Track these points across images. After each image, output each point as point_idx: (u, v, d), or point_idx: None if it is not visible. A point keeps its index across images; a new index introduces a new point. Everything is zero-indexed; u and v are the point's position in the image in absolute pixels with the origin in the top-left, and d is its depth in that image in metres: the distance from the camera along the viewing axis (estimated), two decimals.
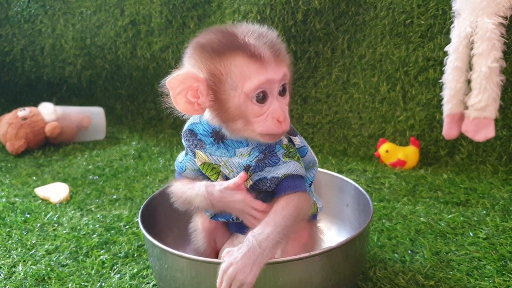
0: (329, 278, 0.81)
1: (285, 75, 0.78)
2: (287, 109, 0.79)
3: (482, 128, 1.37)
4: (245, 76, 0.75)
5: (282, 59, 0.77)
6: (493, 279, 0.94)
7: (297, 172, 0.82)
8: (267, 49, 0.75)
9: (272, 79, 0.76)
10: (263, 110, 0.77)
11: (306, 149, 0.87)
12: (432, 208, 1.25)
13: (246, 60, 0.75)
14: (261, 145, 0.82)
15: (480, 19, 1.32)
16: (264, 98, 0.77)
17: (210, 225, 0.92)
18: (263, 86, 0.76)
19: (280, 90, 0.78)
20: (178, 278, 0.83)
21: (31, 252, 1.10)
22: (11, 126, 1.82)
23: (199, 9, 1.88)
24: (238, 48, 0.75)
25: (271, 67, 0.75)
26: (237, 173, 0.82)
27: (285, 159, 0.82)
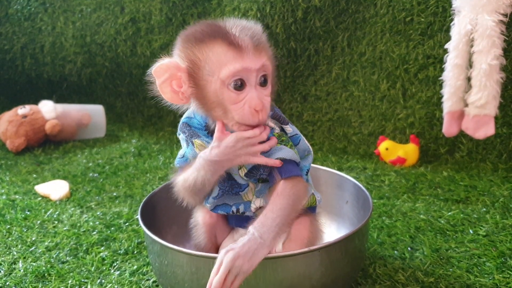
0: (328, 274, 0.81)
1: (264, 66, 0.78)
2: (267, 100, 0.79)
3: (482, 126, 1.37)
4: (222, 63, 0.76)
5: (262, 50, 0.78)
6: (492, 276, 0.94)
7: (290, 157, 0.81)
8: (247, 38, 0.76)
9: (248, 68, 0.76)
10: (239, 98, 0.78)
11: (299, 137, 0.87)
12: (432, 206, 1.25)
13: (224, 47, 0.76)
14: None
15: (480, 16, 1.32)
16: (242, 86, 0.77)
17: (211, 220, 0.92)
18: (239, 74, 0.76)
19: (260, 81, 0.78)
20: (178, 274, 0.83)
21: (31, 249, 1.10)
22: (11, 124, 1.82)
23: (199, 6, 1.88)
24: (217, 36, 0.76)
25: (248, 56, 0.76)
26: None
27: (278, 145, 0.82)
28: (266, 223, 0.75)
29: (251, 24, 0.80)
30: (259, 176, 0.83)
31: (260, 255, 0.72)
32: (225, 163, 0.81)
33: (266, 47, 0.80)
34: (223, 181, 0.88)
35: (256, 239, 0.73)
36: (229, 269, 0.71)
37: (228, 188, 0.88)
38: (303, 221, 0.87)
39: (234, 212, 0.88)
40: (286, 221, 0.77)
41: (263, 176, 0.83)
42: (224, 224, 0.94)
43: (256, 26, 0.80)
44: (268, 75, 0.79)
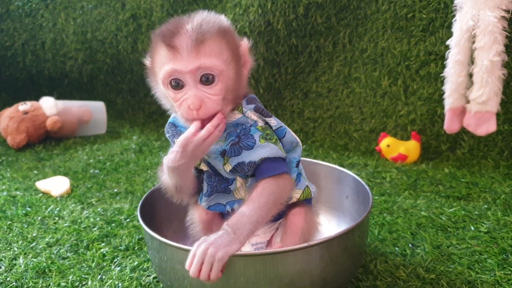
0: (328, 270, 0.81)
1: (199, 68, 0.76)
2: (210, 98, 0.78)
3: (483, 122, 1.37)
4: (160, 65, 0.78)
5: (202, 51, 0.76)
6: (494, 273, 0.93)
7: (274, 155, 0.81)
8: (186, 40, 0.75)
9: (178, 70, 0.76)
10: (177, 97, 0.79)
11: (284, 129, 0.86)
12: (433, 202, 1.25)
13: (163, 49, 0.77)
14: (236, 128, 0.83)
15: (482, 12, 1.32)
16: (179, 85, 0.78)
17: (207, 217, 0.92)
18: (173, 75, 0.77)
19: (203, 80, 0.77)
20: (178, 270, 0.83)
21: (32, 245, 1.10)
22: (12, 120, 1.82)
23: (200, 3, 1.88)
24: (162, 37, 0.77)
25: (181, 58, 0.76)
26: (215, 158, 0.84)
27: (261, 141, 0.82)
28: (241, 220, 0.76)
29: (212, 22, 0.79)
30: (244, 174, 0.84)
31: (232, 249, 0.73)
32: (184, 165, 0.81)
33: (214, 47, 0.77)
34: (210, 176, 0.88)
35: (229, 234, 0.74)
36: (203, 259, 0.72)
37: (216, 183, 0.88)
38: (298, 212, 0.87)
39: (230, 211, 0.88)
40: (264, 219, 0.78)
41: (248, 173, 0.83)
42: (221, 220, 0.94)
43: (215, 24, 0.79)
44: (213, 74, 0.77)
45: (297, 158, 0.88)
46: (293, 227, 0.86)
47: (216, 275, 0.72)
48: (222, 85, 0.78)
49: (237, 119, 0.83)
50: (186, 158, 0.79)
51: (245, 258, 0.76)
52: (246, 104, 0.84)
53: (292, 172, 0.87)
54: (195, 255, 0.72)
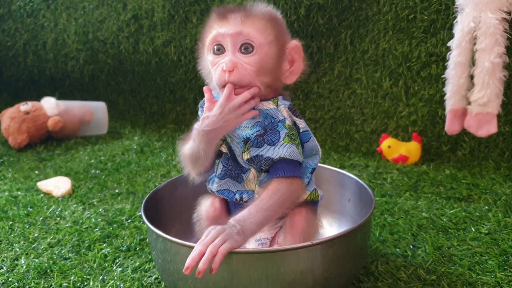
0: (330, 270, 0.81)
1: (242, 33, 0.81)
2: (245, 65, 0.82)
3: (484, 124, 1.37)
4: (208, 32, 0.85)
5: (248, 22, 0.82)
6: (494, 274, 0.94)
7: (293, 157, 0.82)
8: (237, 13, 0.83)
9: (222, 32, 0.82)
10: (215, 61, 0.84)
11: (310, 134, 0.87)
12: (434, 204, 1.25)
13: (215, 20, 0.84)
14: (264, 120, 0.85)
15: (483, 14, 1.32)
16: (220, 50, 0.84)
17: (214, 213, 0.92)
18: (217, 39, 0.83)
19: (242, 49, 0.82)
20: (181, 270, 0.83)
21: (34, 245, 1.11)
22: (14, 120, 1.82)
23: (202, 3, 1.88)
24: (217, 11, 0.85)
25: (227, 24, 0.82)
26: (237, 143, 0.85)
27: (285, 141, 0.83)
28: (248, 219, 0.77)
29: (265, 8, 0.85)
30: (259, 166, 0.85)
31: (235, 243, 0.74)
32: (218, 131, 0.83)
33: (260, 24, 0.83)
34: (227, 159, 0.89)
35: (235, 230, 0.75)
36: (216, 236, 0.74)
37: (231, 167, 0.89)
38: (299, 211, 0.87)
39: (238, 200, 0.88)
40: (269, 220, 0.80)
41: (263, 167, 0.84)
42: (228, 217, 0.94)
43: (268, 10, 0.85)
44: (251, 44, 0.82)
45: (313, 165, 0.88)
46: (294, 226, 0.86)
47: (224, 250, 0.73)
48: (259, 58, 0.82)
49: (269, 109, 0.85)
50: (222, 122, 0.82)
51: (248, 256, 0.77)
52: (282, 99, 0.87)
53: (305, 178, 0.87)
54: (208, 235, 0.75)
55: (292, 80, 0.88)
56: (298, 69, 0.88)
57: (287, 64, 0.87)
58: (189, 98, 2.01)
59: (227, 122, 0.82)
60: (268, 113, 0.85)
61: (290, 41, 0.87)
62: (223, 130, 0.84)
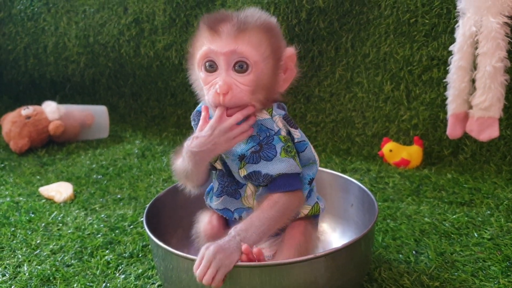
0: (334, 279, 0.81)
1: (235, 52, 0.77)
2: (239, 86, 0.78)
3: (486, 128, 1.37)
4: (199, 46, 0.80)
5: (241, 38, 0.77)
6: (498, 280, 0.94)
7: (291, 171, 0.81)
8: (229, 26, 0.77)
9: (214, 50, 0.77)
10: (208, 80, 0.80)
11: (306, 144, 0.86)
12: (436, 208, 1.25)
13: (206, 32, 0.79)
14: (259, 134, 0.82)
15: (485, 18, 1.32)
16: (212, 67, 0.79)
17: (212, 231, 0.92)
18: (209, 55, 0.78)
19: (236, 67, 0.78)
20: (183, 279, 0.83)
21: (36, 252, 1.11)
22: (15, 124, 1.82)
23: (203, 7, 1.88)
24: (207, 22, 0.79)
25: (220, 40, 0.77)
26: (233, 160, 0.83)
27: (282, 155, 0.81)
28: (250, 230, 0.77)
29: (259, 17, 0.80)
30: (257, 183, 0.84)
31: (237, 256, 0.74)
32: (206, 153, 0.81)
33: (254, 38, 0.78)
34: (222, 176, 0.88)
35: (236, 241, 0.75)
36: (211, 261, 0.73)
37: (227, 184, 0.88)
38: (297, 225, 0.87)
39: (237, 219, 0.88)
40: (270, 231, 0.79)
41: (261, 184, 0.83)
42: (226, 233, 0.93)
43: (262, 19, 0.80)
44: (246, 62, 0.78)
45: (310, 175, 0.87)
46: (290, 240, 0.85)
47: (219, 281, 0.73)
48: (254, 77, 0.78)
49: (264, 119, 0.83)
50: (210, 144, 0.79)
51: (251, 269, 0.76)
52: (276, 108, 0.85)
53: (304, 189, 0.86)
54: (203, 258, 0.73)
55: (284, 87, 0.85)
56: (291, 76, 0.85)
57: (282, 73, 0.84)
58: (190, 102, 2.01)
59: (216, 145, 0.80)
60: (262, 124, 0.83)
61: (285, 49, 0.84)
62: (212, 153, 0.81)
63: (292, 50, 0.84)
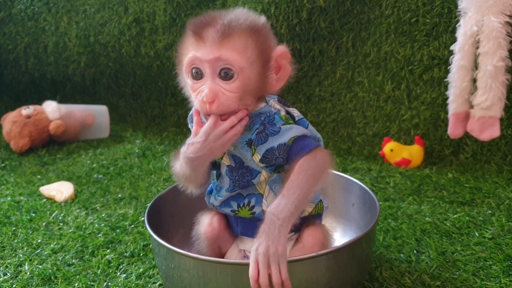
0: (335, 278, 0.81)
1: (221, 59, 0.76)
2: (226, 93, 0.78)
3: (487, 127, 1.37)
4: (185, 52, 0.79)
5: (226, 44, 0.76)
6: (499, 280, 0.94)
7: (302, 133, 0.81)
8: (213, 31, 0.76)
9: (198, 58, 0.77)
10: (195, 87, 0.79)
11: (306, 122, 0.85)
12: (437, 208, 1.25)
13: (191, 38, 0.78)
14: (260, 116, 0.83)
15: (486, 17, 1.32)
16: (198, 75, 0.78)
17: (213, 234, 0.91)
18: (194, 63, 0.78)
19: (222, 74, 0.77)
20: (184, 278, 0.83)
21: (37, 251, 1.11)
22: (15, 124, 1.82)
23: (204, 7, 1.88)
24: (192, 27, 0.78)
25: (204, 47, 0.76)
26: (242, 148, 0.83)
27: (287, 125, 0.82)
28: (281, 203, 0.74)
29: (245, 18, 0.78)
30: (274, 160, 0.82)
31: (284, 234, 0.72)
32: (202, 158, 0.81)
33: (239, 43, 0.77)
34: (231, 170, 0.87)
35: (275, 222, 0.72)
36: (268, 262, 0.70)
37: (238, 177, 0.87)
38: (314, 233, 0.86)
39: (246, 204, 0.86)
40: (306, 197, 0.77)
41: (279, 160, 0.82)
42: (227, 234, 0.92)
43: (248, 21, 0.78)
44: (232, 69, 0.77)
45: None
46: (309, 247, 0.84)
47: (286, 273, 0.70)
48: (240, 83, 0.78)
49: (260, 108, 0.83)
50: (206, 149, 0.79)
51: None
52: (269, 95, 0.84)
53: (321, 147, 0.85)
54: (259, 261, 0.70)
55: (279, 86, 0.83)
56: (286, 74, 0.83)
57: (273, 73, 0.82)
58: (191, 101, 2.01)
59: (212, 150, 0.80)
60: (260, 112, 0.83)
61: (275, 48, 0.81)
62: (208, 157, 0.81)
63: (282, 48, 0.82)
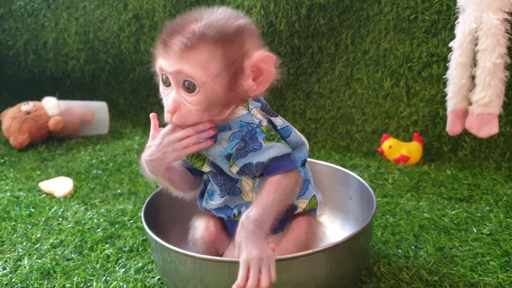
0: (333, 273, 0.81)
1: (180, 72, 0.75)
2: (188, 105, 0.77)
3: (485, 124, 1.37)
4: (157, 57, 0.78)
5: (188, 57, 0.74)
6: (496, 275, 0.94)
7: (281, 153, 0.80)
8: (179, 42, 0.74)
9: (161, 67, 0.77)
10: (165, 93, 0.80)
11: (290, 129, 0.84)
12: (435, 204, 1.25)
13: (159, 43, 0.77)
14: (241, 130, 0.81)
15: (485, 14, 1.32)
16: (166, 82, 0.78)
17: (210, 238, 0.91)
18: (161, 71, 0.78)
19: (185, 85, 0.76)
20: (181, 273, 0.83)
21: (36, 246, 1.11)
22: (15, 120, 1.82)
23: (203, 3, 1.88)
24: (164, 32, 0.77)
25: (168, 57, 0.75)
26: (221, 161, 0.83)
27: (267, 143, 0.81)
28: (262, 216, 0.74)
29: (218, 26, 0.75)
30: (251, 174, 0.83)
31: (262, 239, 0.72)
32: (156, 162, 0.81)
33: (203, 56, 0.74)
34: (215, 176, 0.87)
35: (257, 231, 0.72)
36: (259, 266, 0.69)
37: (222, 182, 0.87)
38: (301, 221, 0.87)
39: (236, 215, 0.87)
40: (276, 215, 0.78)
41: (256, 174, 0.83)
42: (224, 236, 0.93)
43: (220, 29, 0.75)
44: (193, 83, 0.75)
45: (302, 157, 0.86)
46: (292, 235, 0.85)
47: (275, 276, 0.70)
48: (203, 97, 0.76)
49: (242, 115, 0.81)
50: (160, 153, 0.80)
51: None
52: (252, 101, 0.83)
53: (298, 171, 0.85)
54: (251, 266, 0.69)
55: (262, 89, 0.80)
56: (269, 77, 0.79)
57: (250, 80, 0.78)
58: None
59: (165, 155, 0.80)
60: (242, 120, 0.81)
61: (252, 53, 0.78)
62: (162, 161, 0.81)
63: (262, 53, 0.78)
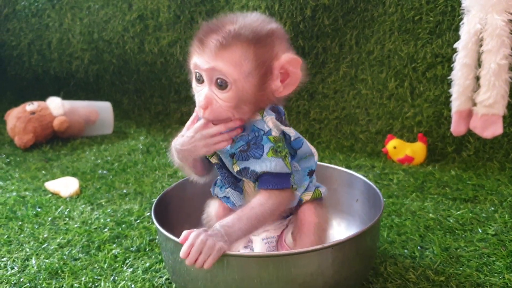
0: (341, 272, 0.82)
1: (214, 69, 0.78)
2: (219, 102, 0.80)
3: (490, 125, 1.37)
4: (191, 54, 0.82)
5: (222, 55, 0.77)
6: (502, 275, 0.94)
7: (277, 171, 0.81)
8: (215, 40, 0.78)
9: (196, 64, 0.80)
10: (197, 89, 0.83)
11: (302, 140, 0.86)
12: (440, 205, 1.26)
13: (195, 41, 0.81)
14: (249, 134, 0.84)
15: (489, 16, 1.32)
16: (200, 79, 0.81)
17: (224, 213, 0.93)
18: (196, 68, 0.81)
19: (218, 82, 0.79)
20: (191, 272, 0.84)
21: (44, 245, 1.11)
22: (20, 120, 1.83)
23: (207, 4, 1.88)
24: (201, 31, 0.81)
25: (203, 55, 0.79)
26: (225, 158, 0.87)
27: (269, 155, 0.82)
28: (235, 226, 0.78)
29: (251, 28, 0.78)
30: (248, 177, 0.85)
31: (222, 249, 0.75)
32: (186, 152, 0.85)
33: (236, 55, 0.78)
34: (220, 168, 0.91)
35: (221, 235, 0.76)
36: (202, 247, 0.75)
37: (226, 175, 0.90)
38: (308, 208, 0.89)
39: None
40: (256, 228, 0.82)
41: (251, 179, 0.85)
42: None
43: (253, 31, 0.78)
44: (226, 80, 0.78)
45: (309, 168, 0.89)
46: (306, 225, 0.87)
47: (211, 264, 0.74)
48: (234, 94, 0.79)
49: (256, 121, 0.83)
50: (190, 145, 0.84)
51: (259, 259, 0.78)
52: (268, 109, 0.85)
53: (303, 180, 0.88)
54: (194, 244, 0.75)
55: (288, 91, 0.83)
56: (295, 79, 0.82)
57: (278, 81, 0.81)
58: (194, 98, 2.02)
59: (195, 148, 0.84)
60: (255, 124, 0.84)
61: (281, 56, 0.81)
62: (192, 153, 0.85)
63: (289, 55, 0.81)
